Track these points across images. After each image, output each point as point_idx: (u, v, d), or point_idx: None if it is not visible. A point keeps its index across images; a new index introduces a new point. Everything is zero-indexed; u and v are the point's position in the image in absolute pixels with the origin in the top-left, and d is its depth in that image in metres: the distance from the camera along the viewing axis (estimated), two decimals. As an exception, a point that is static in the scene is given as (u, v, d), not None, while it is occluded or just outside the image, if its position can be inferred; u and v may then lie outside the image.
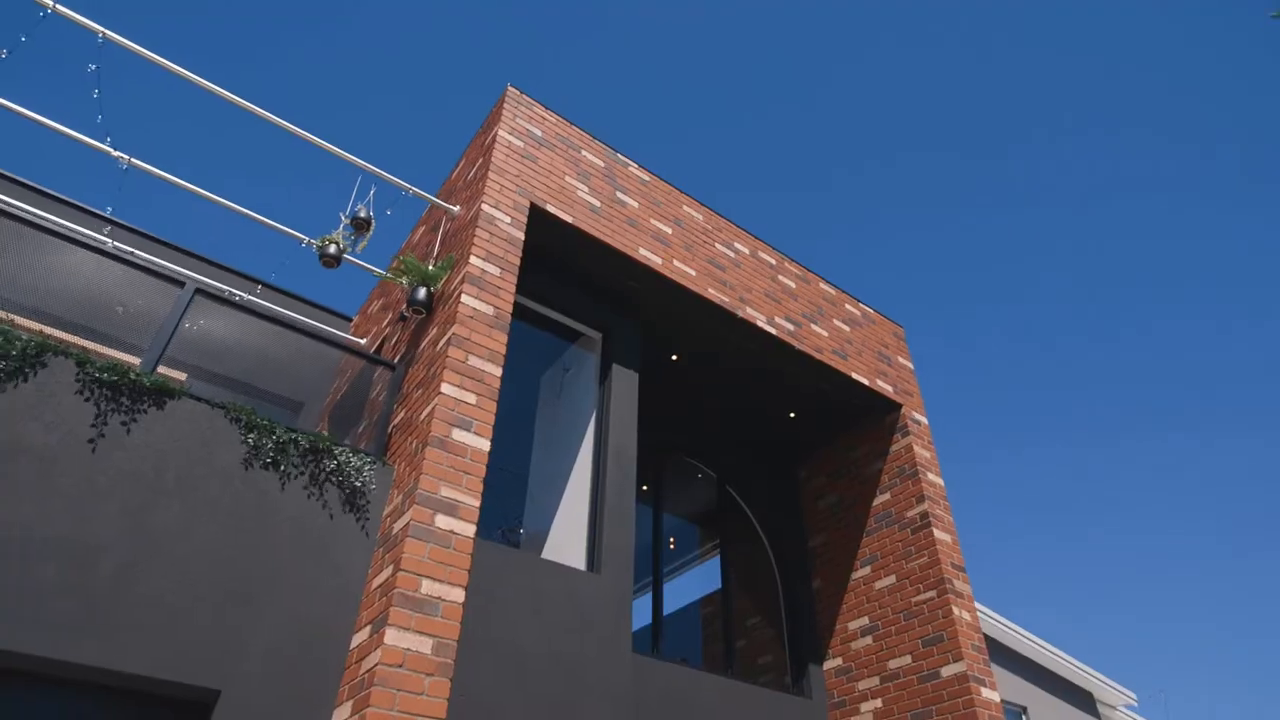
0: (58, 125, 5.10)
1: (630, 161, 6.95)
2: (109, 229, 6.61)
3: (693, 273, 6.58)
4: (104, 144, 5.22)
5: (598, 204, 6.28)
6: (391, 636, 3.68)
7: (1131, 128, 39.90)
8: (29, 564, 3.47)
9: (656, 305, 6.64)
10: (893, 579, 6.80)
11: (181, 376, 6.09)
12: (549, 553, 5.52)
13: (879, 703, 6.41)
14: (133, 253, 5.83)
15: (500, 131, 5.99)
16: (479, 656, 4.27)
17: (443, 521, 4.13)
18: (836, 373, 7.23)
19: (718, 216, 7.41)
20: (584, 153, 6.58)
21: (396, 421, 5.09)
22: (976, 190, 47.92)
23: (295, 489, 4.32)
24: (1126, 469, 53.95)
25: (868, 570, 7.08)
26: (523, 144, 6.10)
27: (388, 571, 4.01)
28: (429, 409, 4.52)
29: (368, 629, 3.92)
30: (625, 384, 6.21)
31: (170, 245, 7.60)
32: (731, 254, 7.16)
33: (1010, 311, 51.99)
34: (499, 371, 4.84)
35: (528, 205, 5.75)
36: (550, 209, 5.87)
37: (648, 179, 6.99)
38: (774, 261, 7.60)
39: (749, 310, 6.81)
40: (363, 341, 7.38)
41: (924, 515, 6.78)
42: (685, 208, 7.13)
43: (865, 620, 6.88)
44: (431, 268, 5.50)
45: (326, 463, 4.48)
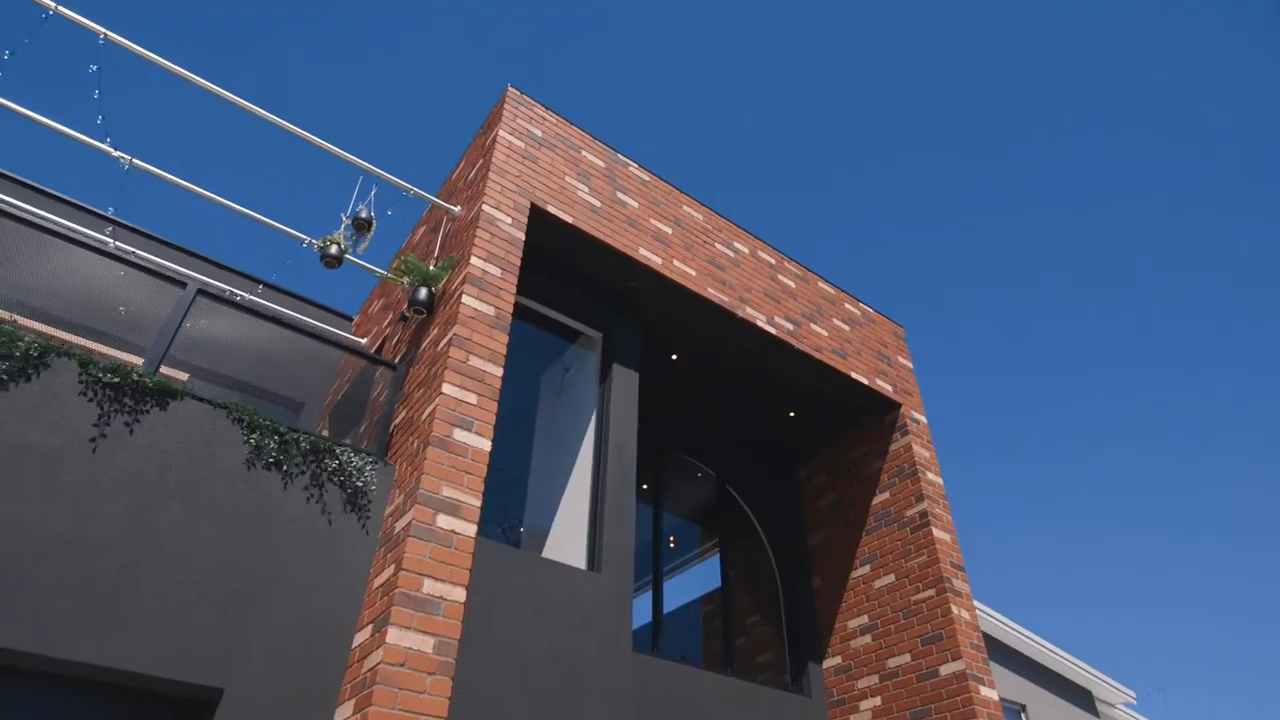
0: (59, 125, 5.11)
1: (630, 161, 6.96)
2: (111, 229, 6.63)
3: (692, 272, 6.60)
4: (104, 144, 5.24)
5: (598, 204, 6.30)
6: (393, 636, 3.70)
7: (1131, 128, 39.93)
8: (33, 563, 3.49)
9: (656, 305, 6.66)
10: (892, 578, 6.82)
11: (183, 377, 6.10)
12: (549, 551, 5.55)
13: (878, 701, 6.43)
14: (134, 253, 5.85)
15: (501, 132, 6.01)
16: (480, 655, 4.29)
17: (444, 521, 4.15)
18: (836, 372, 7.25)
19: (717, 216, 7.43)
20: (584, 153, 6.59)
21: (398, 421, 5.11)
22: (976, 190, 47.95)
23: (297, 489, 4.34)
24: (1126, 468, 54.03)
25: (867, 569, 7.10)
26: (523, 144, 6.11)
27: (389, 571, 4.03)
28: (430, 409, 4.54)
29: (370, 628, 3.94)
30: (625, 383, 6.23)
31: (172, 245, 7.62)
32: (731, 254, 7.18)
33: (1010, 311, 52.06)
34: (500, 372, 4.86)
35: (528, 206, 5.77)
36: (551, 209, 5.89)
37: (648, 179, 7.01)
38: (773, 261, 7.61)
39: (749, 310, 6.83)
40: (364, 341, 7.40)
41: (923, 514, 6.80)
42: (685, 208, 7.15)
43: (865, 619, 6.91)
44: (432, 268, 5.52)
45: (328, 463, 4.50)
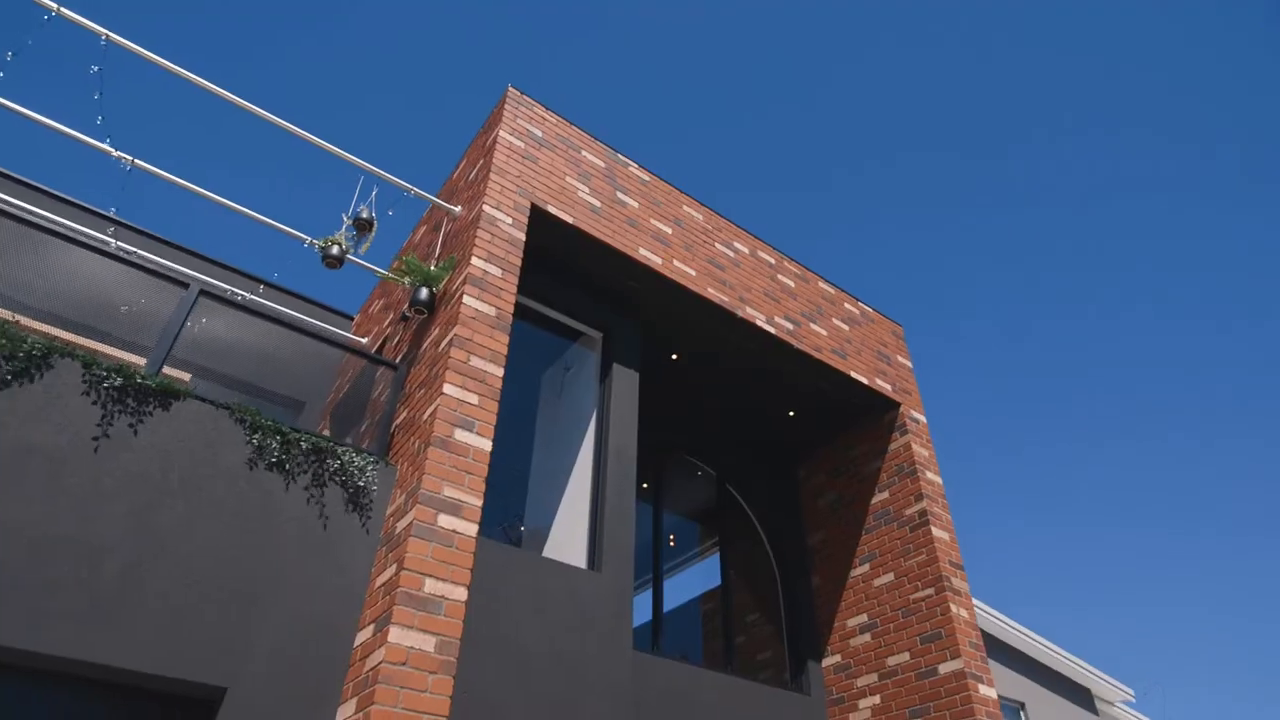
0: (60, 126, 5.12)
1: (630, 162, 6.98)
2: (113, 229, 6.65)
3: (692, 272, 6.62)
4: (104, 144, 5.25)
5: (598, 204, 6.31)
6: (395, 635, 3.73)
7: (1131, 128, 39.91)
8: (38, 563, 3.51)
9: (657, 305, 6.68)
10: (891, 576, 6.85)
11: (185, 377, 6.12)
12: (550, 551, 5.57)
13: (877, 699, 6.46)
14: (136, 253, 5.87)
15: (501, 132, 6.03)
16: (482, 655, 4.32)
17: (445, 521, 4.17)
18: (835, 371, 7.27)
19: (717, 216, 7.45)
20: (584, 153, 6.61)
21: (399, 421, 5.13)
22: (976, 190, 47.92)
23: (299, 489, 4.37)
24: (1126, 468, 54.07)
25: (866, 568, 7.13)
26: (523, 145, 6.13)
27: (391, 570, 4.05)
28: (431, 409, 4.56)
29: (371, 627, 3.97)
30: (626, 383, 6.25)
31: (173, 245, 7.64)
32: (731, 253, 7.20)
33: (1010, 311, 52.06)
34: (501, 372, 4.88)
35: (529, 206, 5.78)
36: (551, 209, 5.91)
37: (648, 179, 7.02)
38: (773, 261, 7.63)
39: (748, 310, 6.85)
40: (364, 341, 7.42)
41: (922, 513, 6.82)
42: (685, 208, 7.16)
43: (864, 617, 6.94)
44: (433, 268, 5.54)
45: (330, 463, 4.52)
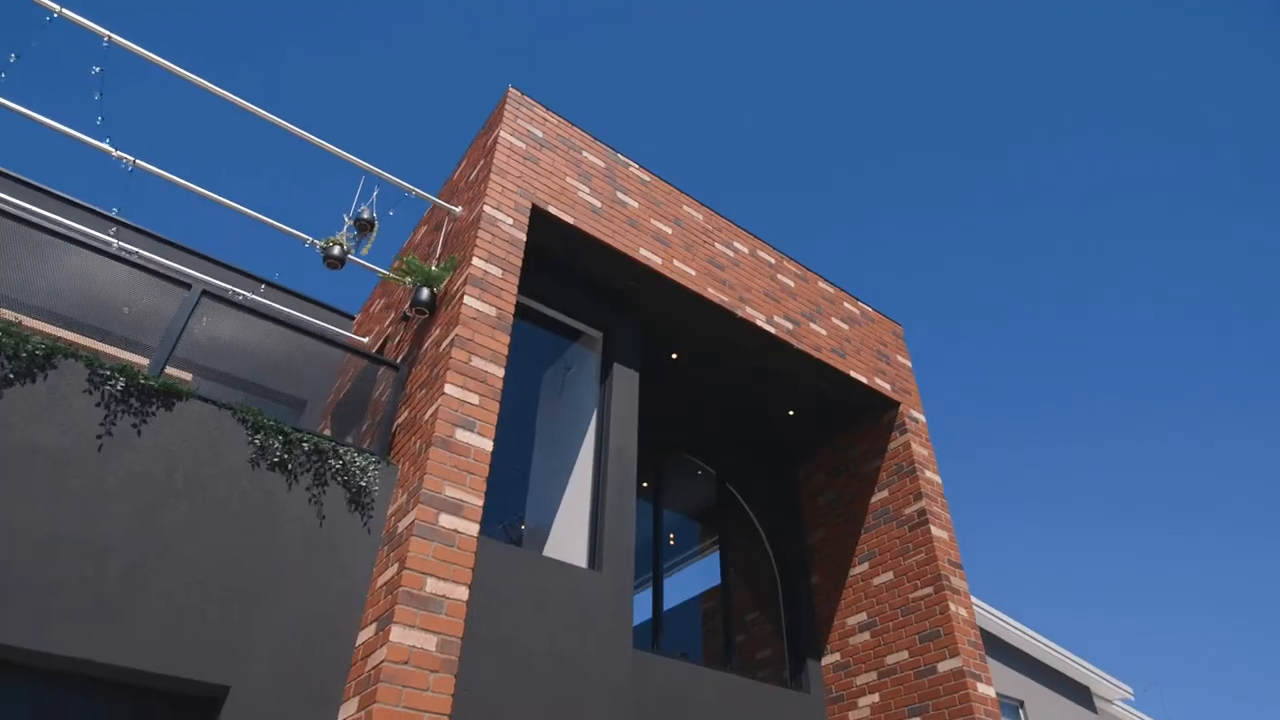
0: (62, 126, 5.14)
1: (631, 162, 6.99)
2: (115, 229, 6.67)
3: (692, 272, 6.64)
4: (104, 144, 5.26)
5: (599, 204, 6.33)
6: (397, 634, 3.75)
7: (1131, 128, 39.89)
8: (42, 563, 3.54)
9: (657, 305, 6.70)
10: (890, 575, 6.87)
11: (188, 377, 6.15)
12: (551, 550, 5.59)
13: (876, 697, 6.49)
14: (138, 253, 5.89)
15: (502, 133, 6.04)
16: (483, 654, 4.34)
17: (447, 521, 4.19)
18: (835, 371, 7.29)
19: (717, 216, 7.46)
20: (585, 153, 6.62)
21: (400, 421, 5.16)
22: (976, 190, 47.91)
23: (301, 489, 4.39)
24: (1126, 467, 54.09)
25: (866, 566, 7.15)
26: (524, 145, 6.14)
27: (393, 570, 4.08)
28: (433, 409, 4.59)
29: (373, 626, 3.99)
30: (626, 383, 6.27)
31: (175, 245, 7.67)
32: (731, 253, 7.22)
33: (1010, 311, 52.06)
34: (501, 372, 4.90)
35: (529, 206, 5.80)
36: (552, 210, 5.92)
37: (648, 179, 7.04)
38: (773, 261, 7.65)
39: (748, 309, 6.87)
40: (365, 340, 7.45)
41: (921, 512, 6.85)
42: (685, 208, 7.18)
43: (863, 616, 6.96)
44: (434, 268, 5.56)
45: (332, 463, 4.54)
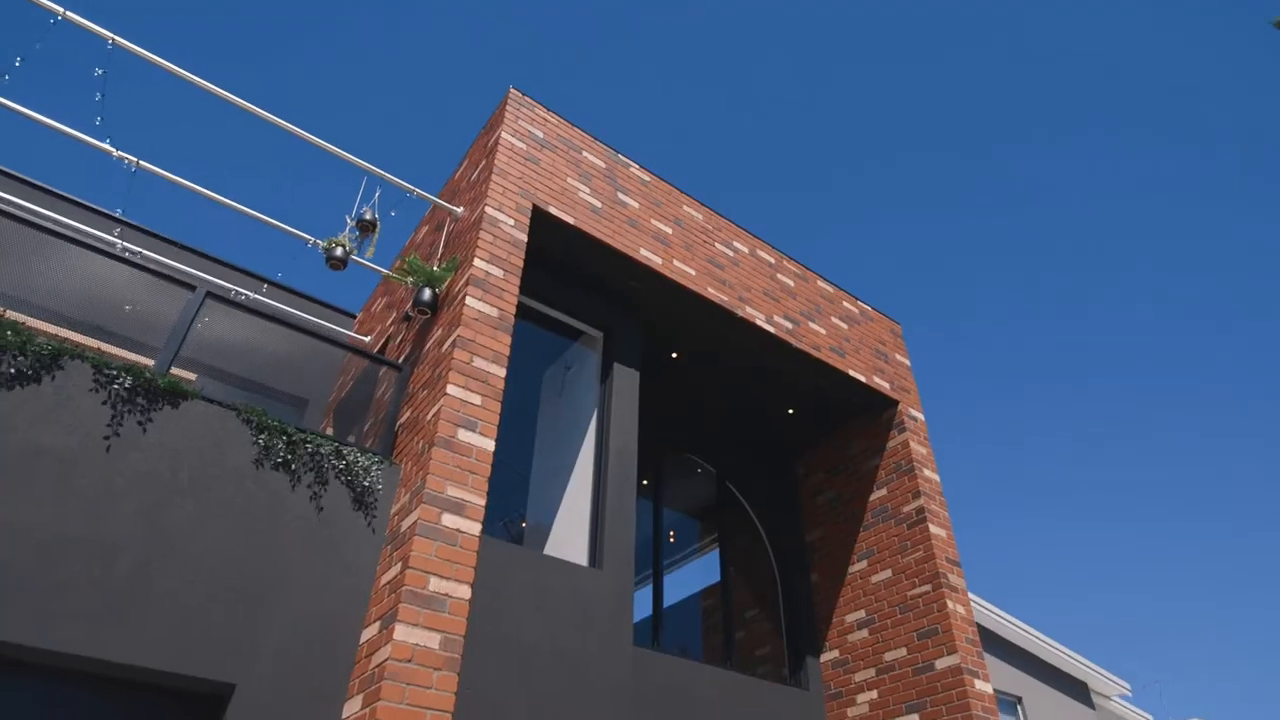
0: (64, 127, 5.16)
1: (631, 162, 7.03)
2: (119, 230, 6.71)
3: (692, 272, 6.67)
4: (105, 144, 5.30)
5: (599, 205, 6.37)
6: (401, 632, 3.80)
7: (1131, 128, 39.87)
8: (51, 563, 3.59)
9: (657, 304, 6.74)
10: (889, 573, 6.92)
11: (192, 376, 6.19)
12: (551, 548, 5.64)
13: (875, 694, 6.54)
14: (141, 253, 5.93)
15: (503, 134, 6.08)
16: (485, 651, 4.39)
17: (449, 520, 4.24)
18: (834, 370, 7.33)
19: (717, 216, 7.50)
20: (585, 154, 6.66)
21: (403, 421, 5.20)
22: (976, 190, 47.90)
23: (305, 489, 4.43)
24: (1126, 466, 54.15)
25: (864, 564, 7.20)
26: (525, 146, 6.18)
27: (396, 569, 4.13)
28: (435, 410, 4.63)
29: (377, 625, 4.04)
30: (626, 382, 6.32)
31: (179, 245, 7.70)
32: (731, 253, 7.25)
33: (1010, 311, 52.08)
34: (503, 372, 4.95)
35: (530, 207, 5.84)
36: (552, 210, 5.96)
37: (648, 179, 7.07)
38: (773, 260, 7.68)
39: (748, 309, 6.90)
40: (367, 339, 7.49)
41: (919, 510, 6.89)
42: (685, 208, 7.22)
43: (862, 613, 7.02)
44: (436, 269, 5.60)
45: (335, 463, 4.59)
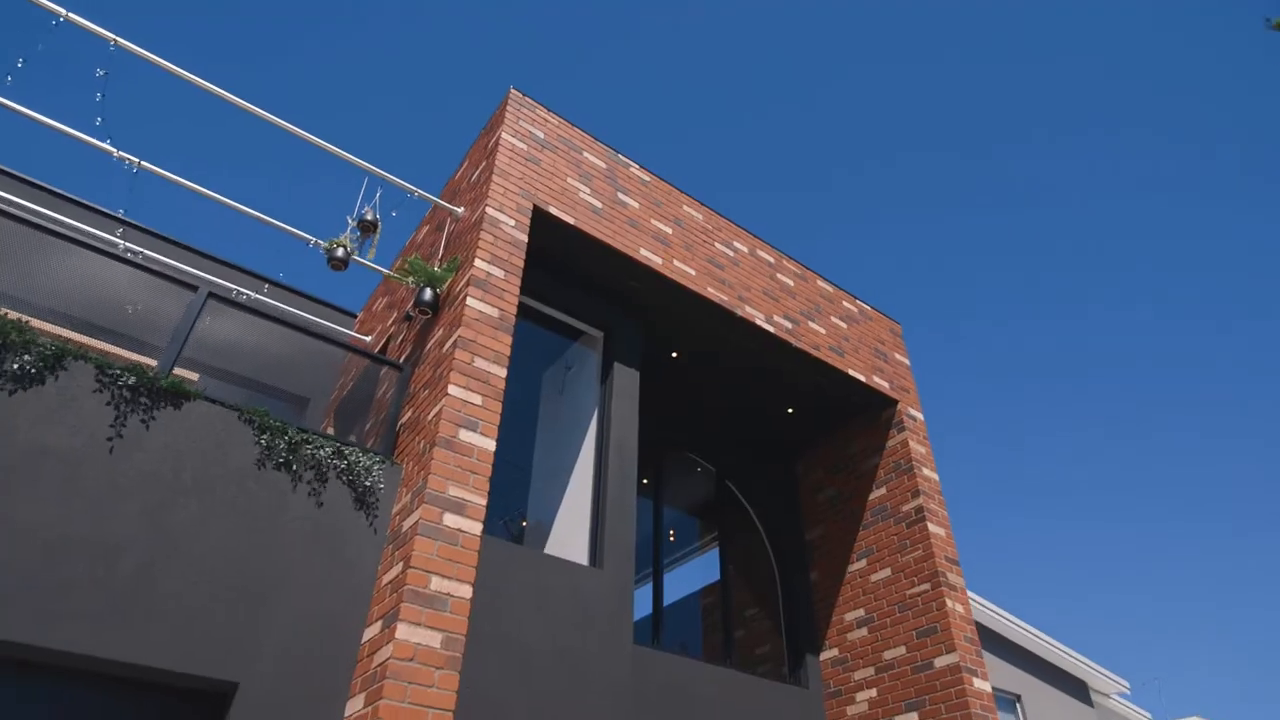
0: (66, 128, 5.18)
1: (631, 162, 7.04)
2: (121, 230, 6.73)
3: (692, 272, 6.69)
4: (105, 144, 5.31)
5: (599, 205, 6.39)
6: (403, 631, 3.83)
7: (1131, 128, 39.80)
8: (55, 563, 3.61)
9: (657, 304, 6.76)
10: (888, 572, 6.95)
11: (194, 376, 6.21)
12: (552, 547, 5.67)
13: (874, 692, 6.57)
14: (143, 253, 5.95)
15: (504, 134, 6.09)
16: (485, 650, 4.42)
17: (450, 520, 4.26)
18: (834, 369, 7.35)
19: (717, 216, 7.52)
20: (586, 154, 6.68)
21: (404, 421, 5.22)
22: (976, 190, 47.85)
23: (306, 488, 4.46)
24: (1126, 466, 54.16)
25: (864, 563, 7.23)
26: (525, 146, 6.20)
27: (398, 568, 4.15)
28: (436, 410, 4.65)
29: (379, 624, 4.07)
30: (626, 381, 6.34)
31: (181, 245, 7.72)
32: (730, 253, 7.27)
33: (1010, 311, 52.06)
34: (504, 373, 4.97)
35: (530, 207, 5.86)
36: (553, 211, 5.98)
37: (648, 179, 7.09)
38: (772, 260, 7.70)
39: (748, 309, 6.93)
40: (368, 339, 7.51)
41: (919, 509, 6.92)
42: (685, 207, 7.24)
43: (861, 612, 7.04)
44: (437, 269, 5.62)
45: (337, 462, 4.61)
